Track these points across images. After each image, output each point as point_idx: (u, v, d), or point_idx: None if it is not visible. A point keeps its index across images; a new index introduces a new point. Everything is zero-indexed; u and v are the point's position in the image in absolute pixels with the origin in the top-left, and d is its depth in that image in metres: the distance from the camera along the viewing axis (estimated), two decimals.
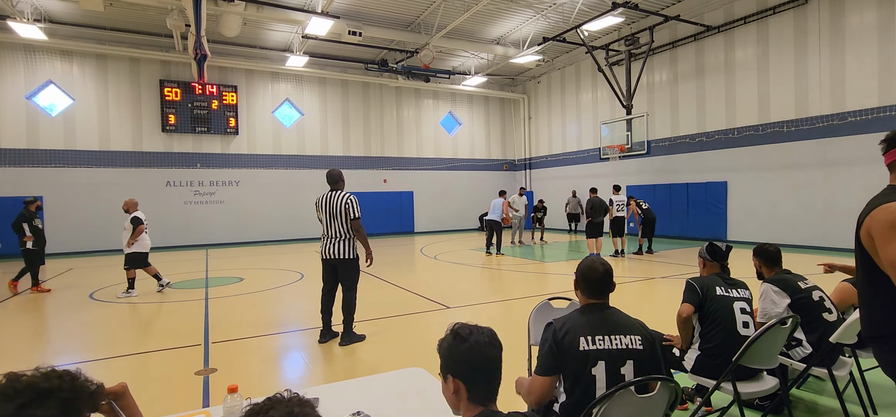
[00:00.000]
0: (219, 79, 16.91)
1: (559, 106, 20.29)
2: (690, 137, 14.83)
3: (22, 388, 1.09)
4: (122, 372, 4.49)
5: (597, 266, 2.15)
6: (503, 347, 1.52)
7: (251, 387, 3.91)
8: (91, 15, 13.41)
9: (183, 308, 7.16)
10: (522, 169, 22.68)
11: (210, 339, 5.39)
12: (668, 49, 15.28)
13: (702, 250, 3.24)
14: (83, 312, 7.05)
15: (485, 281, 9.02)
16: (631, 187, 16.85)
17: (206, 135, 16.83)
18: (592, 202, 11.65)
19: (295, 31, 15.45)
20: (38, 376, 1.14)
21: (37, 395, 1.10)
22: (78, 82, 15.25)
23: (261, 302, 7.57)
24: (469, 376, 1.44)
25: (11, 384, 1.10)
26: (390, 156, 20.22)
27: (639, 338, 2.04)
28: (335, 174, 5.29)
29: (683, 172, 15.12)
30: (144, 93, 16.06)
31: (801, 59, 12.05)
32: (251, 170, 17.56)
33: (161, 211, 16.12)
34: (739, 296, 2.96)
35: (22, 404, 1.08)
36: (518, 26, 15.59)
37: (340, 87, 19.15)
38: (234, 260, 12.67)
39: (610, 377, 1.95)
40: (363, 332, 5.39)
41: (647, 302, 6.97)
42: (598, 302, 2.15)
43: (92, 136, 15.41)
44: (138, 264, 8.16)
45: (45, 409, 1.11)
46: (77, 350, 5.26)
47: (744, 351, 2.60)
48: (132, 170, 15.86)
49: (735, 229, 13.66)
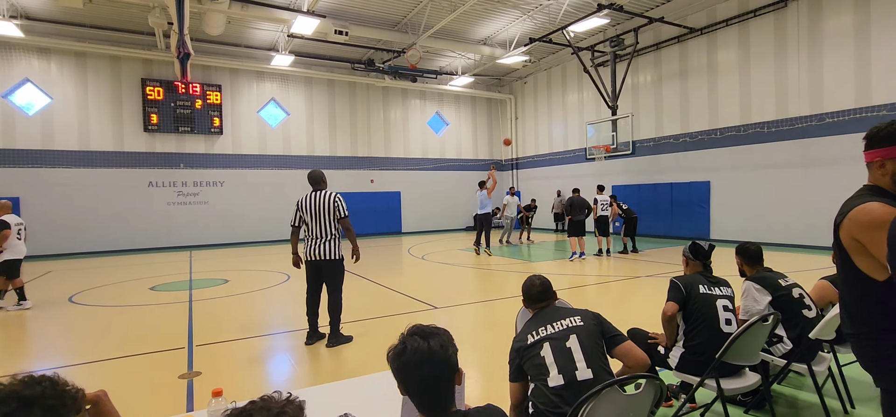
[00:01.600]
0: (202, 78, 16.67)
1: (545, 106, 20.41)
2: (674, 138, 15.05)
3: (4, 397, 1.07)
4: (105, 377, 4.40)
5: (535, 282, 2.54)
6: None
7: (236, 391, 3.86)
8: (70, 12, 13.12)
9: (166, 310, 7.05)
10: (509, 169, 22.78)
11: (194, 342, 5.31)
12: (652, 50, 15.48)
13: (685, 249, 3.30)
14: (63, 316, 6.89)
15: (472, 281, 9.04)
16: (616, 187, 17.04)
17: (190, 134, 16.58)
18: (573, 201, 11.70)
19: (280, 30, 15.30)
20: (19, 383, 1.11)
21: (20, 403, 1.08)
22: (56, 81, 14.90)
23: (246, 303, 7.48)
24: (412, 391, 1.43)
25: None
26: (377, 156, 20.14)
27: (577, 317, 2.36)
28: (317, 174, 5.25)
29: (667, 172, 15.34)
30: (126, 93, 15.76)
31: (780, 62, 12.30)
32: (236, 171, 17.34)
33: (143, 212, 15.84)
34: (721, 294, 3.01)
35: (5, 413, 1.05)
36: (504, 27, 15.65)
37: (327, 87, 19.01)
38: (219, 262, 12.51)
39: (556, 353, 2.21)
40: (350, 333, 5.36)
41: (633, 301, 7.05)
42: (543, 306, 2.49)
43: (71, 136, 15.07)
44: (7, 272, 7.29)
45: None
46: (58, 355, 5.14)
47: (727, 348, 2.65)
48: (113, 171, 15.55)
49: (718, 228, 13.89)
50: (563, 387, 2.12)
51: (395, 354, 1.45)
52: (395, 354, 1.45)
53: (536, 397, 2.18)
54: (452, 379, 1.46)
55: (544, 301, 2.50)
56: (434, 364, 1.41)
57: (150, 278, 10.08)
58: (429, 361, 1.41)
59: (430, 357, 1.41)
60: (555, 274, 9.60)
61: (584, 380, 2.13)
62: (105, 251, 15.24)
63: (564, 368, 2.16)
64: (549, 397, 2.12)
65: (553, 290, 2.55)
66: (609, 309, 6.46)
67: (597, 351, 2.25)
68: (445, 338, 1.47)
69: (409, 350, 1.42)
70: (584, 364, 2.17)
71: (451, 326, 6.24)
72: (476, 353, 4.90)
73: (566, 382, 2.12)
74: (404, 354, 1.42)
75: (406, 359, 1.42)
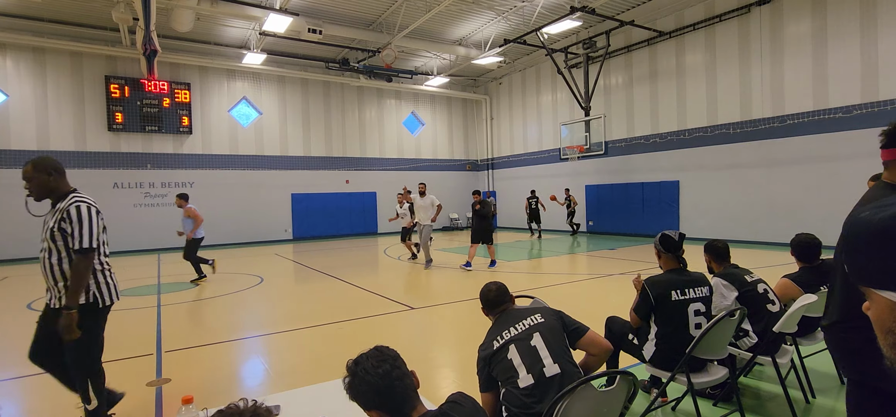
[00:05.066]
0: (170, 75, 16.18)
1: (520, 107, 20.61)
2: (645, 138, 15.42)
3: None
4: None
5: (491, 288, 2.58)
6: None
7: (208, 397, 3.77)
8: (27, 5, 12.54)
9: (133, 316, 6.81)
10: (485, 169, 22.91)
11: (163, 348, 5.15)
12: (623, 53, 15.82)
13: (656, 241, 3.22)
14: (21, 322, 6.57)
15: (448, 281, 9.05)
16: (589, 186, 17.37)
17: (158, 134, 16.06)
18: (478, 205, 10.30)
19: (252, 28, 14.99)
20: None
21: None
22: (12, 77, 14.21)
23: (218, 307, 7.30)
24: (375, 406, 1.49)
25: None
26: (353, 156, 19.95)
27: (538, 315, 2.39)
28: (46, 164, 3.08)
29: (639, 172, 15.71)
30: (88, 90, 15.15)
31: (744, 65, 12.76)
32: (206, 171, 16.90)
33: (108, 214, 15.06)
34: (695, 297, 2.97)
35: None
36: (480, 28, 15.73)
37: (300, 86, 18.72)
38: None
39: (522, 352, 2.23)
40: (322, 338, 5.28)
41: (604, 299, 7.18)
42: (502, 310, 2.52)
43: (28, 135, 14.40)
44: None
45: None
46: (15, 364, 4.91)
47: (696, 344, 2.73)
48: (75, 172, 14.91)
49: (687, 226, 14.30)
50: (533, 386, 2.14)
51: (347, 384, 1.52)
52: (347, 384, 1.52)
53: (509, 401, 2.19)
54: (406, 376, 1.51)
55: (502, 304, 2.53)
56: (383, 361, 1.50)
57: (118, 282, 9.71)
58: (378, 362, 1.50)
59: (378, 356, 1.51)
60: (525, 274, 9.71)
61: (553, 376, 2.16)
62: None
63: (532, 367, 2.18)
64: (520, 398, 2.14)
65: (510, 293, 2.59)
66: (583, 307, 6.56)
67: (561, 346, 2.30)
68: (385, 347, 1.58)
69: (361, 370, 1.49)
70: (550, 360, 2.20)
71: (428, 326, 6.24)
72: (453, 353, 4.91)
73: (536, 380, 2.15)
74: (356, 375, 1.50)
75: (359, 369, 1.50)
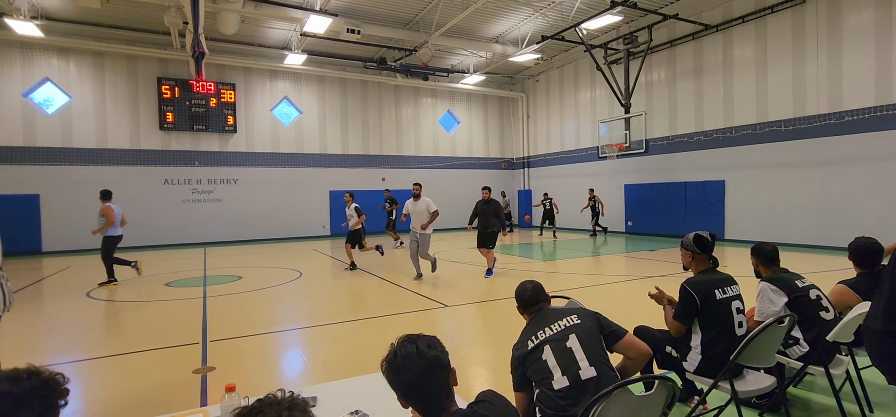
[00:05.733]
0: (217, 76, 16.87)
1: (558, 104, 20.29)
2: (688, 136, 14.86)
3: None
4: (121, 371, 4.48)
5: (527, 287, 2.53)
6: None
7: (249, 386, 3.91)
8: (88, 12, 13.35)
9: (181, 306, 7.15)
10: (521, 167, 22.70)
11: (208, 338, 5.38)
12: (666, 48, 15.29)
13: (687, 241, 3.07)
14: (80, 310, 7.03)
15: (482, 279, 9.02)
16: (628, 185, 16.90)
17: (205, 133, 16.79)
18: (481, 207, 9.34)
19: (293, 29, 15.41)
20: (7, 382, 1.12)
21: (15, 401, 1.09)
22: (75, 80, 15.19)
23: (259, 300, 7.56)
24: (410, 398, 1.49)
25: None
26: (389, 154, 20.21)
27: (574, 316, 2.34)
28: None
29: (681, 171, 15.15)
30: (142, 91, 16.01)
31: (798, 58, 12.07)
32: (249, 168, 17.53)
33: (159, 209, 16.09)
34: (734, 295, 2.93)
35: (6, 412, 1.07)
36: (516, 24, 15.58)
37: (339, 85, 19.12)
38: (233, 259, 12.66)
39: (557, 354, 2.19)
40: (361, 330, 5.38)
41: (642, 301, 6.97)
42: (537, 310, 2.48)
43: (89, 134, 15.35)
44: None
45: (31, 411, 1.11)
46: (75, 349, 5.25)
47: (741, 350, 2.61)
48: (129, 168, 15.82)
49: (732, 227, 13.69)
50: (568, 388, 2.11)
51: (386, 362, 1.51)
52: (386, 362, 1.51)
53: (543, 402, 2.16)
54: (445, 379, 1.51)
55: (538, 304, 2.49)
56: (422, 363, 1.47)
57: (165, 274, 10.24)
58: (420, 364, 1.47)
59: (419, 358, 1.47)
60: (575, 273, 9.56)
61: (589, 379, 2.12)
62: (121, 247, 15.46)
63: (568, 369, 2.15)
64: (555, 400, 2.11)
65: (546, 293, 2.55)
66: (622, 311, 6.40)
67: (598, 349, 2.25)
68: (432, 340, 1.53)
69: (399, 357, 1.48)
70: (586, 363, 2.16)
71: (461, 323, 6.24)
72: (486, 351, 4.89)
73: (571, 383, 2.11)
74: (394, 362, 1.48)
75: (397, 363, 1.48)
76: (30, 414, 1.10)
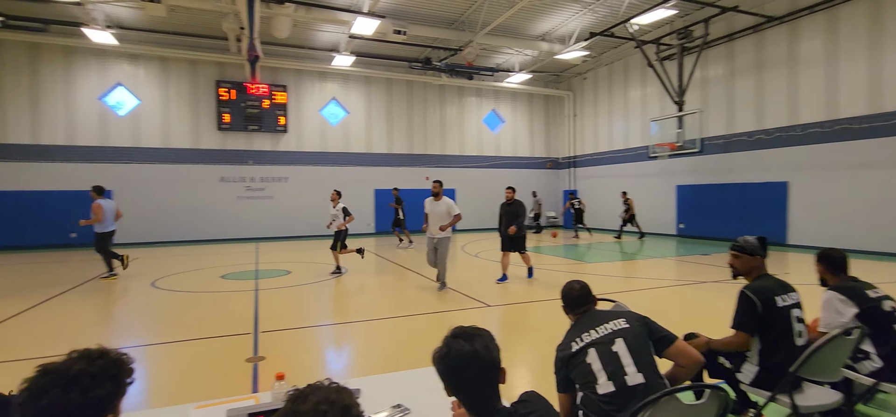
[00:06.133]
0: (270, 79, 17.60)
1: (606, 103, 19.74)
2: (748, 135, 14.05)
3: (74, 377, 1.17)
4: (180, 357, 4.77)
5: (574, 286, 2.48)
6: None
7: (297, 376, 4.05)
8: (156, 20, 14.27)
9: (235, 298, 7.52)
10: (567, 167, 22.26)
11: (259, 328, 5.63)
12: (724, 42, 14.52)
13: (747, 244, 2.89)
14: (146, 298, 7.54)
15: (525, 280, 8.93)
16: (681, 186, 16.20)
17: (258, 133, 17.56)
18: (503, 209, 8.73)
19: (342, 32, 15.82)
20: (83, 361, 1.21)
21: (92, 379, 1.19)
22: (143, 84, 16.29)
23: (307, 294, 7.83)
24: (458, 392, 1.49)
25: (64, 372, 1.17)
26: (433, 153, 20.36)
27: (622, 320, 2.27)
28: None
29: (739, 172, 14.34)
30: (202, 94, 16.95)
31: (875, 51, 11.13)
32: (299, 167, 18.17)
33: (215, 205, 16.98)
34: (794, 302, 2.76)
35: (83, 390, 1.16)
36: (564, 21, 15.28)
37: (385, 86, 19.46)
38: (282, 254, 13.16)
39: (602, 357, 2.13)
40: (406, 328, 5.46)
41: (694, 308, 6.66)
42: (584, 311, 2.42)
43: (155, 134, 16.43)
44: None
45: (103, 388, 1.20)
46: (139, 334, 5.64)
47: (802, 363, 2.45)
48: (190, 167, 16.79)
49: (796, 232, 12.83)
50: (613, 394, 2.05)
51: (439, 357, 1.50)
52: (439, 357, 1.50)
53: (586, 406, 2.11)
54: (497, 379, 1.51)
55: (585, 305, 2.44)
56: (479, 365, 1.47)
57: (221, 267, 10.79)
58: (474, 363, 1.46)
59: (475, 359, 1.46)
60: (607, 277, 9.29)
61: (636, 385, 2.05)
62: (182, 240, 16.48)
63: (613, 374, 2.08)
64: (599, 405, 2.06)
65: (593, 295, 2.49)
66: (666, 315, 6.15)
67: (646, 354, 2.17)
68: (488, 339, 1.52)
69: (454, 352, 1.47)
70: (633, 369, 2.09)
71: (504, 324, 6.21)
72: (528, 352, 4.84)
73: (616, 388, 2.05)
74: (449, 357, 1.48)
75: (451, 362, 1.47)
76: (102, 391, 1.19)
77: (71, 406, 1.14)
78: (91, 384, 1.17)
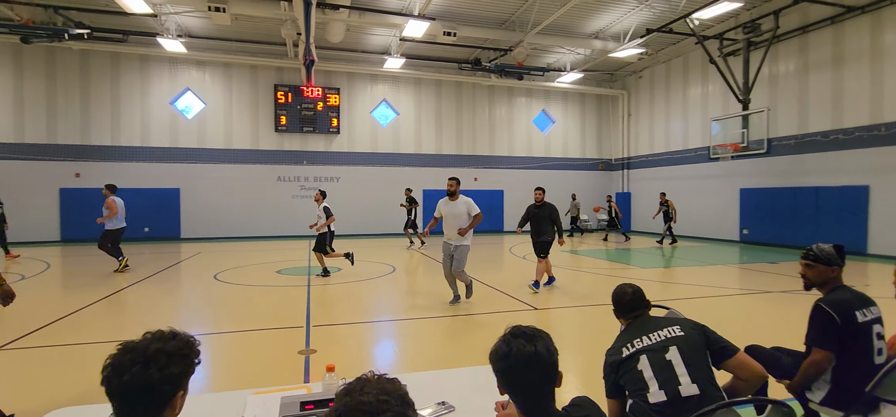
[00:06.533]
0: (324, 82, 18.22)
1: (663, 102, 18.92)
2: (823, 135, 13.01)
3: (152, 355, 1.27)
4: (236, 346, 5.03)
5: (626, 290, 2.39)
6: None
7: (346, 369, 4.16)
8: (221, 28, 15.17)
9: (289, 292, 7.84)
10: (619, 168, 21.53)
11: (311, 322, 5.84)
12: (796, 35, 13.53)
13: (825, 253, 2.66)
14: (210, 289, 8.01)
15: (573, 283, 8.71)
16: (744, 190, 15.24)
17: (312, 134, 18.23)
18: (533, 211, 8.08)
19: (393, 35, 16.11)
20: (158, 341, 1.31)
21: (168, 357, 1.28)
22: (209, 88, 17.35)
23: (356, 291, 8.03)
24: (514, 392, 1.46)
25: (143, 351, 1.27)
26: (481, 154, 20.32)
27: (677, 327, 2.17)
28: None
29: (812, 174, 13.31)
30: (261, 97, 17.81)
31: None
32: (350, 167, 18.69)
33: (272, 203, 17.80)
34: (874, 317, 2.51)
35: (161, 367, 1.26)
36: (619, 18, 14.79)
37: (434, 87, 19.64)
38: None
39: (654, 365, 2.04)
40: (446, 328, 5.47)
41: (758, 320, 6.24)
42: (636, 316, 2.33)
43: (219, 136, 17.44)
44: None
45: (177, 367, 1.29)
46: (200, 324, 5.99)
47: (880, 380, 2.23)
48: (250, 167, 17.69)
49: (878, 240, 11.73)
50: (665, 404, 1.95)
51: (500, 356, 1.48)
52: (500, 356, 1.48)
53: (636, 414, 2.03)
54: (555, 382, 1.49)
55: (637, 310, 2.34)
56: (540, 368, 1.45)
57: (276, 263, 11.28)
58: (535, 365, 1.44)
59: (537, 361, 1.45)
60: (659, 282, 8.89)
61: (690, 396, 1.94)
62: (242, 236, 17.39)
63: (666, 383, 1.98)
64: (649, 414, 1.97)
65: (647, 299, 2.38)
66: (728, 325, 5.81)
67: (702, 365, 2.04)
68: (548, 341, 1.50)
69: (515, 352, 1.44)
70: (687, 379, 1.97)
71: (551, 328, 6.08)
72: (576, 357, 4.72)
73: (669, 398, 1.95)
74: (509, 357, 1.45)
75: (512, 362, 1.45)
76: (176, 369, 1.29)
77: (150, 382, 1.23)
78: (167, 362, 1.27)
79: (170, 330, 1.36)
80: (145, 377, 1.23)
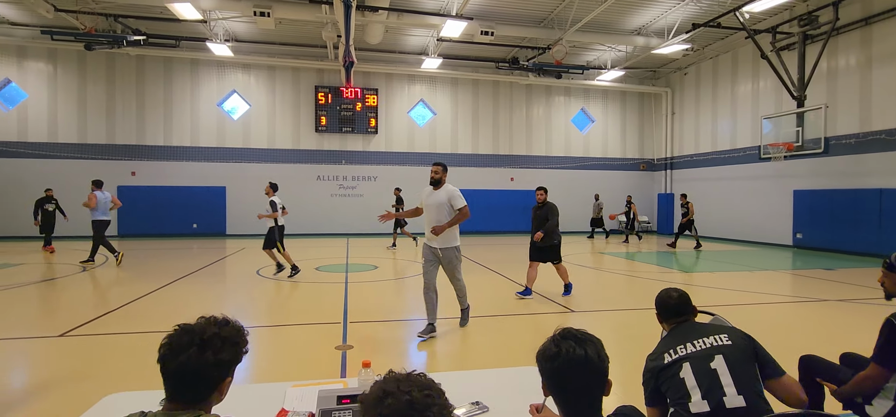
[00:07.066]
0: (363, 83, 18.54)
1: (709, 99, 18.16)
2: (888, 133, 12.13)
3: (209, 339, 1.32)
4: (276, 340, 5.18)
5: (672, 294, 2.32)
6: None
7: (382, 366, 4.21)
8: (265, 32, 15.69)
9: (327, 289, 8.02)
10: (662, 169, 20.82)
11: (348, 319, 5.94)
12: (858, 27, 12.68)
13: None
14: (252, 284, 8.30)
15: (610, 285, 8.49)
16: (798, 191, 14.40)
17: (351, 134, 18.59)
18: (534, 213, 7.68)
19: (430, 35, 16.20)
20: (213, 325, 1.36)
21: (223, 341, 1.33)
22: (254, 90, 17.99)
23: (392, 289, 8.13)
24: (559, 395, 1.42)
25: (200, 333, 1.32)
26: (518, 154, 20.13)
27: (724, 336, 2.07)
28: None
29: (875, 175, 12.43)
30: (302, 98, 18.32)
31: None
32: (387, 167, 18.93)
33: (312, 201, 18.26)
34: None
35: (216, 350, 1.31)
36: (663, 14, 14.30)
37: (471, 87, 19.61)
38: (370, 250, 13.79)
39: (697, 373, 1.96)
40: (487, 328, 5.43)
41: (813, 329, 5.87)
42: (680, 322, 2.26)
43: (262, 136, 18.06)
44: None
45: (228, 352, 1.34)
46: (243, 317, 6.21)
47: None
48: (292, 166, 18.22)
49: None
50: (708, 414, 1.86)
51: (548, 356, 1.44)
52: (548, 356, 1.44)
53: None
54: (603, 388, 1.44)
55: (682, 316, 2.26)
56: (590, 373, 1.41)
57: (316, 260, 11.56)
58: (585, 369, 1.40)
59: (586, 365, 1.40)
60: (705, 288, 8.52)
61: (735, 408, 1.84)
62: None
63: (710, 392, 1.89)
64: None
65: (693, 305, 2.30)
66: (779, 334, 5.50)
67: (750, 377, 1.94)
68: (599, 346, 1.46)
69: (564, 354, 1.41)
70: (733, 390, 1.87)
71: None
72: (614, 363, 4.59)
73: (712, 409, 1.86)
74: (558, 358, 1.41)
75: (561, 364, 1.41)
76: (228, 355, 1.35)
77: (204, 365, 1.28)
78: (221, 346, 1.32)
79: (223, 316, 1.42)
80: (201, 359, 1.28)
